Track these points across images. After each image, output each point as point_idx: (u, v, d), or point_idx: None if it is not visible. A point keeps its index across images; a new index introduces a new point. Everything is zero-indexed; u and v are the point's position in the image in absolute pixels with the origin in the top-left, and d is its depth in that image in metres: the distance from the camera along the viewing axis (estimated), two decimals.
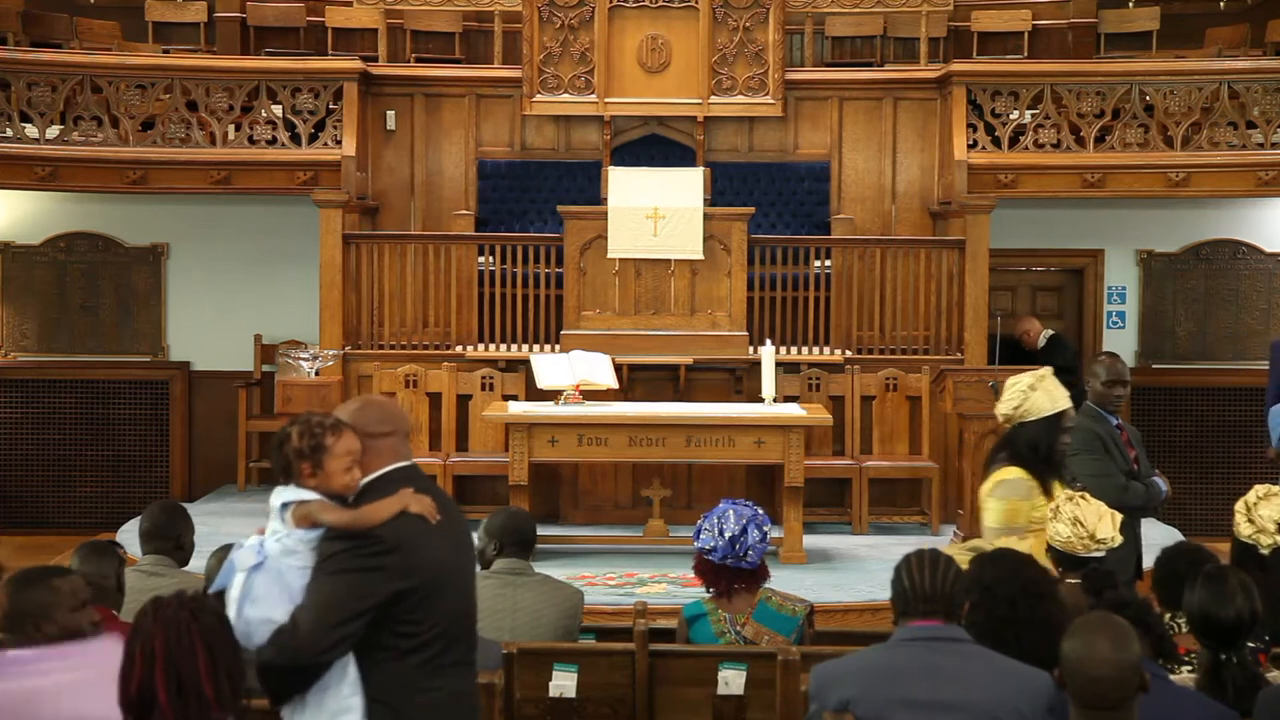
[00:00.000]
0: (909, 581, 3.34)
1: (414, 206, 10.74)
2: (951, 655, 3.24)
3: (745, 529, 4.64)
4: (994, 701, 3.15)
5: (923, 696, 3.18)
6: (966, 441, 8.75)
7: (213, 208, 10.93)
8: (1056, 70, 10.27)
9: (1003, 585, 3.55)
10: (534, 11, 10.40)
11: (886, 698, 3.21)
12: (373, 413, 3.32)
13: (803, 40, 11.44)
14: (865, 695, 3.23)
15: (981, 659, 3.25)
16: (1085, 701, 2.76)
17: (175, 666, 2.75)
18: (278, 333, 10.84)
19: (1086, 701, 2.76)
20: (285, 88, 10.03)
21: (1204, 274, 11.11)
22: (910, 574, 3.35)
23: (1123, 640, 2.79)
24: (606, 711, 4.46)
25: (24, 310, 11.16)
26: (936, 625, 3.29)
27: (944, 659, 3.23)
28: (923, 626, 3.29)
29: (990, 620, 3.46)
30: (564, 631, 4.77)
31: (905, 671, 3.24)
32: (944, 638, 3.26)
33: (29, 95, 9.91)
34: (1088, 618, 2.97)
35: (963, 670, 3.21)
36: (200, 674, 2.76)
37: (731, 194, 10.44)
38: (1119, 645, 2.77)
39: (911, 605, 3.32)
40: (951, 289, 9.88)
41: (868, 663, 3.34)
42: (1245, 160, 9.91)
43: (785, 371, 9.40)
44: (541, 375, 8.95)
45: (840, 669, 3.35)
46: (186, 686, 2.75)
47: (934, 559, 3.38)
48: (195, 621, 2.80)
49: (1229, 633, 3.51)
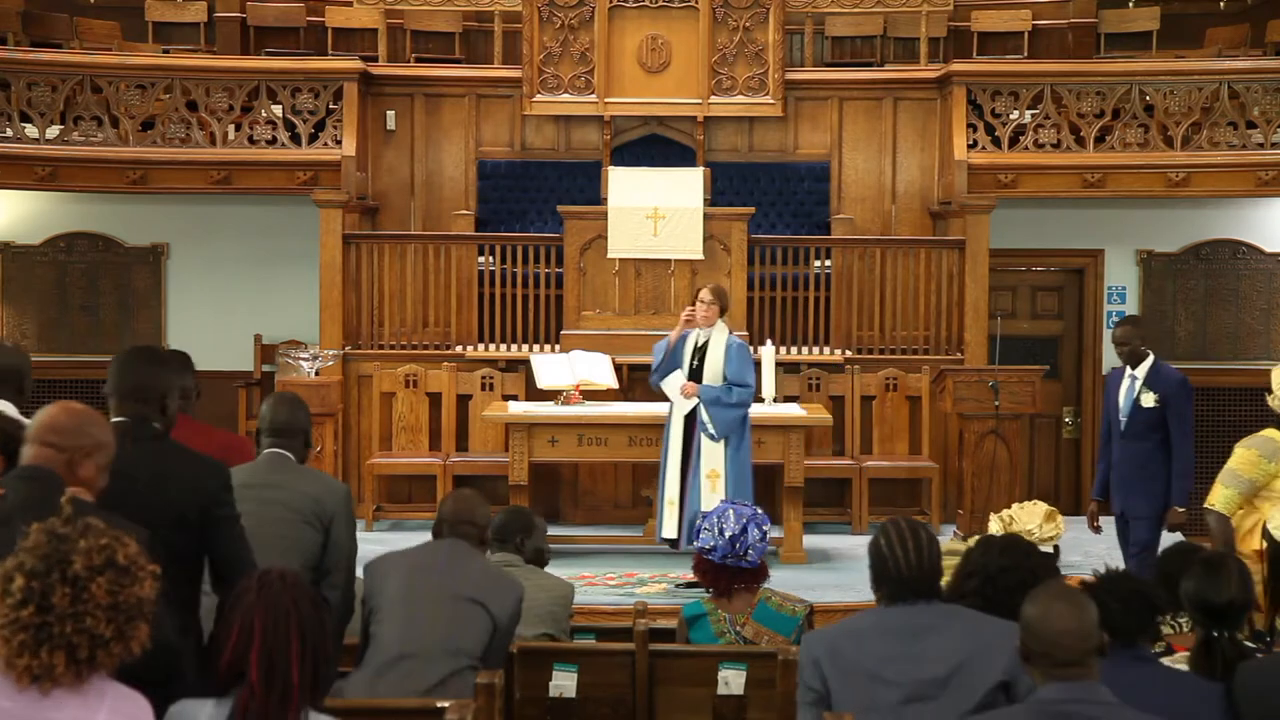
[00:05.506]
0: (892, 561, 3.36)
1: (414, 206, 10.74)
2: (925, 614, 3.32)
3: (745, 528, 4.65)
4: (966, 650, 3.24)
5: (894, 648, 3.27)
6: (966, 441, 8.75)
7: (213, 208, 10.93)
8: (1056, 70, 10.27)
9: (1006, 575, 3.56)
10: (534, 11, 10.40)
11: (857, 649, 3.31)
12: None
13: (803, 40, 11.44)
14: (834, 650, 3.33)
15: (959, 616, 3.32)
16: (1048, 661, 2.79)
17: (269, 648, 2.79)
18: (278, 333, 10.83)
19: (1049, 661, 2.79)
20: (285, 88, 10.03)
21: (1204, 274, 11.10)
22: (892, 551, 3.36)
23: (1080, 603, 2.85)
24: (606, 711, 4.46)
25: (24, 310, 11.16)
26: (920, 606, 3.33)
27: (920, 618, 3.32)
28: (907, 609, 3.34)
29: (988, 607, 3.47)
30: (554, 618, 4.86)
31: (877, 629, 3.33)
32: None
33: (29, 95, 9.91)
34: (1045, 586, 3.01)
35: (935, 624, 3.29)
36: (291, 661, 2.79)
37: (731, 194, 10.45)
38: (1078, 606, 2.83)
39: (895, 588, 3.35)
40: (951, 289, 9.89)
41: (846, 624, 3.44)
42: (1245, 160, 9.92)
43: (785, 371, 9.41)
44: (541, 375, 8.95)
45: (821, 633, 3.45)
46: (276, 670, 2.78)
47: (914, 532, 3.39)
48: (295, 609, 2.83)
49: (1221, 614, 3.54)
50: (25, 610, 2.48)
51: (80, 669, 2.50)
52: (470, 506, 4.47)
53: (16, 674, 2.47)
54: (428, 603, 4.14)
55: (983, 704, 3.21)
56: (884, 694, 3.25)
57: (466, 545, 4.36)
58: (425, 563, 4.28)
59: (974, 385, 8.74)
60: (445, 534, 4.40)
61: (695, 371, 7.76)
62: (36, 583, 2.49)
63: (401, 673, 4.02)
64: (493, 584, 4.27)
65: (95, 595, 2.50)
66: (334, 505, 4.29)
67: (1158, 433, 6.90)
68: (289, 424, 4.43)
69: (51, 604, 2.48)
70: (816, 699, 3.34)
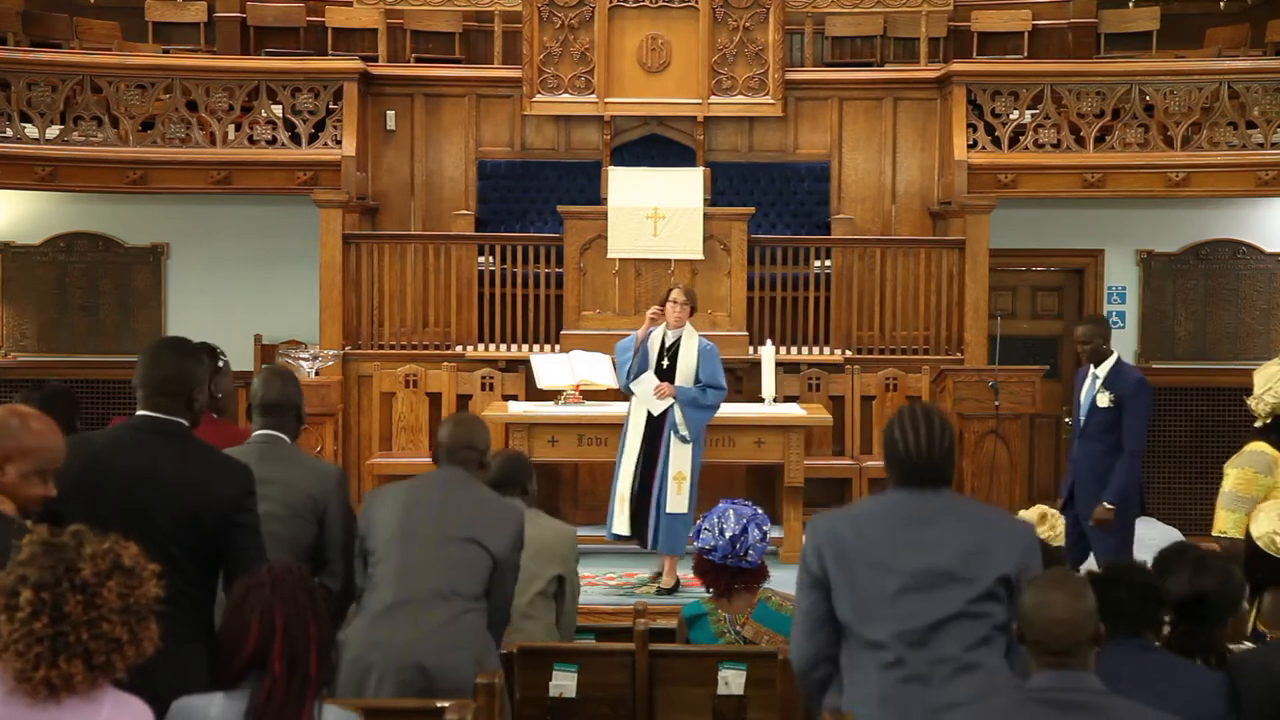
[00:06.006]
0: (903, 444, 3.34)
1: (414, 206, 10.74)
2: (933, 501, 3.32)
3: (746, 529, 4.64)
4: (973, 545, 3.24)
5: (898, 535, 3.27)
6: (966, 441, 8.74)
7: (213, 208, 10.92)
8: (1056, 70, 10.27)
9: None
10: (534, 11, 10.40)
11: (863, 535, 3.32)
12: None
13: (803, 40, 11.44)
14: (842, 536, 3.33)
15: (967, 505, 3.32)
16: (1042, 648, 2.82)
17: (291, 641, 2.86)
18: (278, 333, 10.83)
19: (1044, 648, 2.81)
20: (285, 88, 10.03)
21: (1204, 274, 11.10)
22: (904, 434, 3.34)
23: (1078, 591, 2.87)
24: (606, 711, 4.45)
25: (24, 310, 11.16)
26: (929, 494, 3.32)
27: (928, 505, 3.31)
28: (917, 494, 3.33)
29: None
30: (563, 559, 4.84)
31: (882, 515, 3.34)
32: None
33: (29, 95, 9.91)
34: (1045, 573, 3.03)
35: (942, 513, 3.29)
36: (310, 654, 2.87)
37: (731, 194, 10.45)
38: (1074, 595, 2.84)
39: (903, 472, 3.33)
40: (951, 289, 9.89)
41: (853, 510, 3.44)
42: (1245, 160, 9.91)
43: (785, 371, 9.40)
44: (541, 375, 8.95)
45: (826, 518, 3.42)
46: (297, 663, 2.86)
47: (927, 417, 3.37)
48: (310, 602, 2.91)
49: (1195, 608, 3.57)
50: (38, 622, 2.47)
51: (96, 676, 2.51)
52: (469, 430, 4.33)
53: (32, 687, 2.47)
54: (422, 546, 4.05)
55: (984, 595, 3.20)
56: (885, 581, 3.23)
57: (464, 474, 4.24)
58: (420, 499, 4.17)
59: (974, 385, 8.74)
60: (444, 461, 4.29)
61: (666, 372, 7.63)
62: (46, 594, 2.49)
63: (397, 620, 3.97)
64: (489, 517, 4.16)
65: (108, 599, 2.51)
66: (326, 495, 4.21)
67: (1112, 434, 6.77)
68: (279, 400, 4.32)
69: (65, 613, 2.48)
70: (814, 582, 3.33)
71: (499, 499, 4.33)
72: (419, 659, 3.91)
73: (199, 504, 3.51)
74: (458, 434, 4.31)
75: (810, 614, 3.34)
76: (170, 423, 3.62)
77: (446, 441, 4.30)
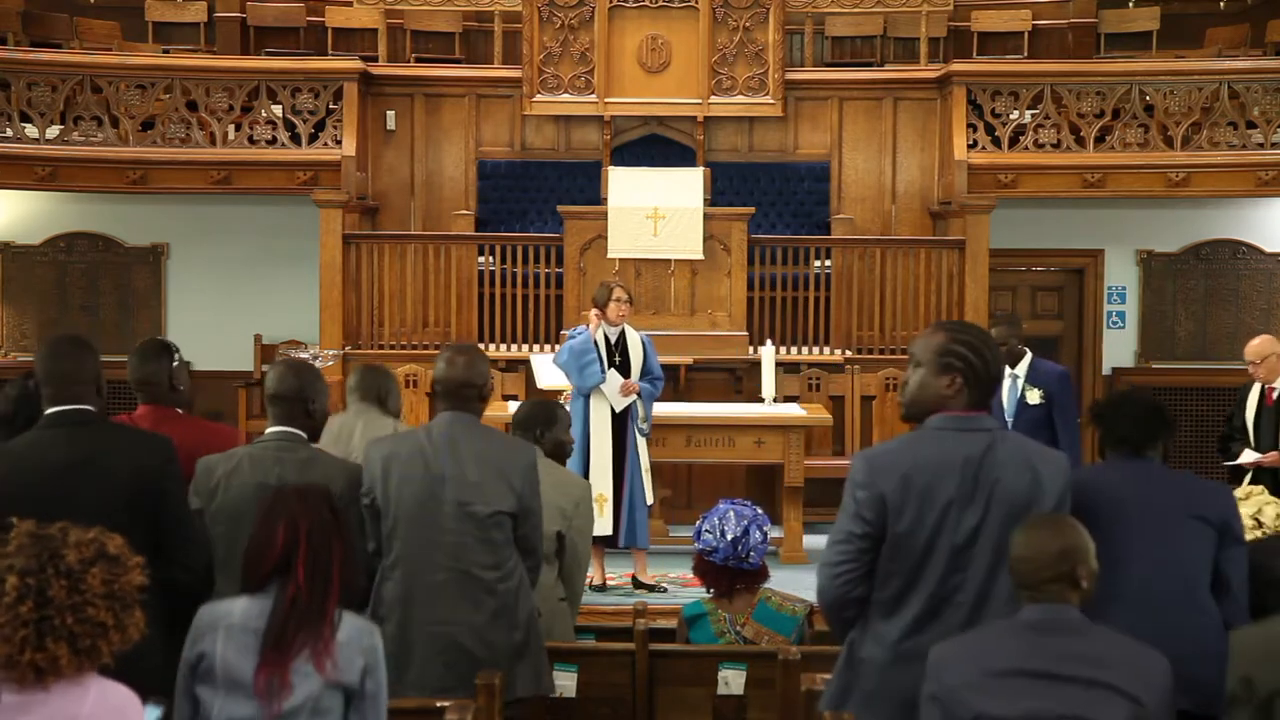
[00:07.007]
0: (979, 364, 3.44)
1: (414, 206, 10.74)
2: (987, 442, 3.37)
3: (747, 530, 4.63)
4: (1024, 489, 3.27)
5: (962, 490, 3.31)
6: None
7: (213, 208, 10.93)
8: (1056, 70, 10.27)
9: None
10: (534, 11, 10.41)
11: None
12: None
13: (803, 40, 11.44)
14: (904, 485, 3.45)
15: (1019, 447, 3.34)
16: (1026, 582, 3.02)
17: (315, 550, 3.07)
18: (278, 333, 10.83)
19: (1027, 582, 3.02)
20: (285, 88, 10.04)
21: (1204, 274, 11.11)
22: (978, 356, 3.45)
23: (1059, 531, 3.04)
24: (606, 711, 4.45)
25: (24, 310, 11.16)
26: (980, 416, 3.44)
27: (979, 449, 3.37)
28: (968, 417, 3.44)
29: None
30: (563, 515, 4.76)
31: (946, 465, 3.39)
32: (980, 429, 3.40)
33: (29, 95, 9.91)
34: (1035, 515, 3.16)
35: (997, 458, 3.32)
36: (333, 564, 3.09)
37: (731, 194, 10.45)
38: (1055, 534, 3.03)
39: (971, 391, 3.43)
40: (951, 289, 9.89)
41: (917, 457, 3.50)
42: (1245, 160, 9.92)
43: (785, 371, 9.40)
44: (541, 375, 8.94)
45: (890, 460, 3.54)
46: (318, 571, 3.07)
47: (986, 335, 3.53)
48: (335, 520, 3.14)
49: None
50: (24, 606, 2.51)
51: (82, 661, 2.54)
52: (468, 366, 4.08)
53: (19, 672, 2.51)
54: (434, 520, 3.98)
55: None
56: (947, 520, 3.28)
57: (466, 421, 4.05)
58: (430, 465, 4.00)
59: None
60: (444, 403, 4.11)
61: (620, 369, 7.63)
62: (31, 579, 2.53)
63: (417, 599, 3.98)
64: (499, 466, 4.01)
65: (92, 585, 2.56)
66: (342, 496, 4.14)
67: (1044, 432, 6.53)
68: (281, 390, 4.07)
69: (49, 597, 2.52)
70: (866, 531, 3.43)
71: (505, 447, 4.17)
72: (458, 639, 3.98)
73: (124, 479, 3.58)
74: (454, 372, 4.08)
75: None
76: (80, 412, 3.70)
77: (444, 380, 4.08)
